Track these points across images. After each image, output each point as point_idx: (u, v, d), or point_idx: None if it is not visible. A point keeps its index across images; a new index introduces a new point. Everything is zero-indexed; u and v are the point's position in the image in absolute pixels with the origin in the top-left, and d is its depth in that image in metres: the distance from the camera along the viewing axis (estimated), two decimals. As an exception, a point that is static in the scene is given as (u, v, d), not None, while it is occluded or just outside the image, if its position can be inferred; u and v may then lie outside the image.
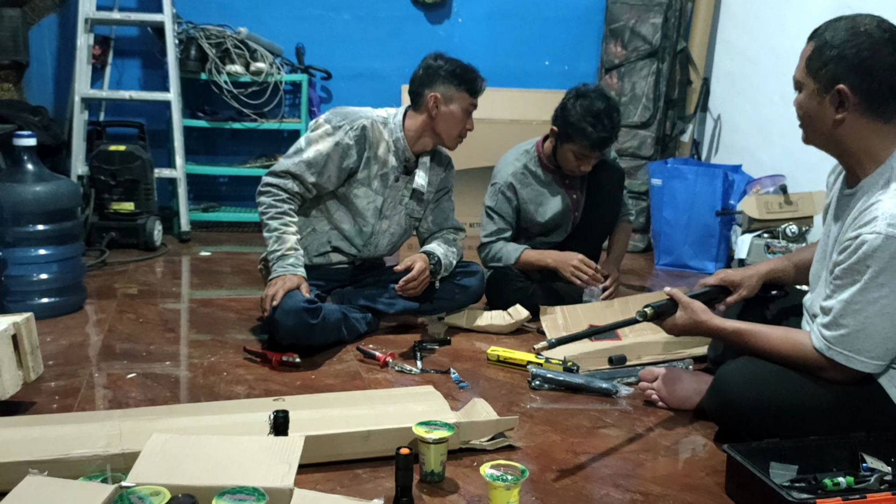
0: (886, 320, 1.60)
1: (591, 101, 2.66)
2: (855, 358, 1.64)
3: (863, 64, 1.60)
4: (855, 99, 1.62)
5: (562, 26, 4.59)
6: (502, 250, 2.83)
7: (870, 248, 1.58)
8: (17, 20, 3.75)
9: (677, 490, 1.66)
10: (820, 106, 1.67)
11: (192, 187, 4.30)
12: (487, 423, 1.79)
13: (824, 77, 1.64)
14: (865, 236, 1.59)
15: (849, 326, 1.63)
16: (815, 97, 1.67)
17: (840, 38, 1.61)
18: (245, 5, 4.30)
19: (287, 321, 2.27)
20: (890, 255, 1.56)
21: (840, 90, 1.62)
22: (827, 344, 1.67)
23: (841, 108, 1.64)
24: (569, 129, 2.68)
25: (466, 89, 2.51)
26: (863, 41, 1.60)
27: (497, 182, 2.87)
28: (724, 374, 1.83)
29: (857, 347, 1.63)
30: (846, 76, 1.61)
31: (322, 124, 2.50)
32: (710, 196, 3.71)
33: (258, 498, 1.28)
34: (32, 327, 1.96)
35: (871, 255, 1.58)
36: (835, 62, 1.62)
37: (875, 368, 1.65)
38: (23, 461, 1.49)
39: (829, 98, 1.64)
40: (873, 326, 1.61)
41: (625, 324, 2.03)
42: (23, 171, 2.65)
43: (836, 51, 1.61)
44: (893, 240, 1.56)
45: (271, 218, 2.42)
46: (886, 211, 1.58)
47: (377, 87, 4.42)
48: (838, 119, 1.65)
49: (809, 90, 1.68)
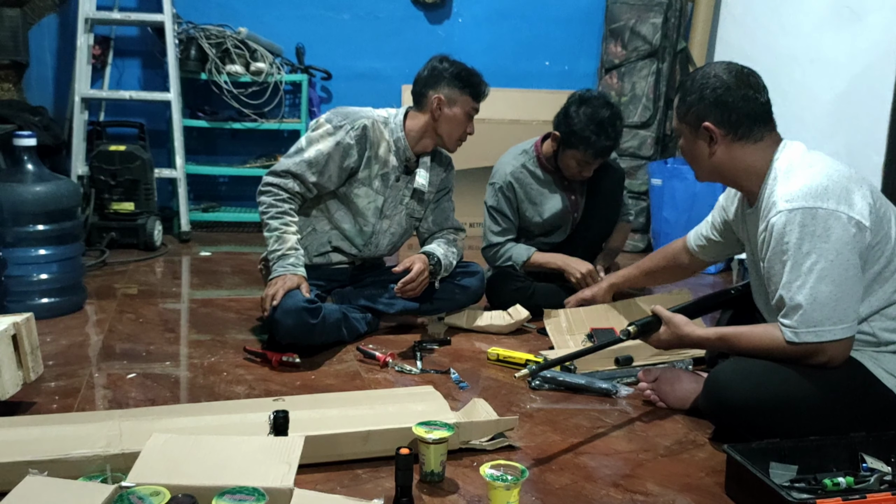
0: (829, 283, 1.67)
1: (595, 109, 2.66)
2: (822, 330, 1.69)
3: (718, 100, 1.81)
4: (720, 131, 1.82)
5: (562, 26, 4.60)
6: (511, 251, 2.84)
7: (780, 227, 1.71)
8: (17, 20, 3.75)
9: (677, 490, 1.66)
10: (696, 145, 1.88)
11: (192, 187, 4.30)
12: (487, 423, 1.79)
13: (691, 119, 1.86)
14: (772, 220, 1.73)
15: (802, 305, 1.69)
16: (690, 138, 1.89)
17: (697, 84, 1.84)
18: (245, 5, 4.30)
19: (287, 321, 2.27)
20: (799, 224, 1.68)
21: (706, 127, 1.82)
22: (794, 331, 1.71)
23: (712, 142, 1.84)
24: (572, 136, 2.68)
25: (470, 93, 2.52)
26: (714, 82, 1.82)
27: (496, 181, 2.87)
28: (716, 373, 1.86)
29: (817, 319, 1.68)
30: (708, 114, 1.82)
31: (323, 124, 2.50)
32: (710, 196, 3.68)
33: (258, 498, 1.28)
34: (32, 327, 1.96)
35: (783, 232, 1.70)
36: (696, 105, 1.84)
37: (844, 332, 1.69)
38: (23, 461, 1.49)
39: (700, 136, 1.86)
40: (821, 293, 1.67)
41: (609, 344, 2.07)
42: (23, 171, 2.65)
43: (694, 95, 1.84)
44: (796, 212, 1.69)
45: (272, 217, 2.42)
46: (780, 192, 1.73)
47: (377, 87, 4.43)
48: (713, 151, 1.85)
49: (684, 134, 1.91)
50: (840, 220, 1.67)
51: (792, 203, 1.69)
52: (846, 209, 1.68)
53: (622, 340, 2.03)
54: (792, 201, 1.70)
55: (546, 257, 2.83)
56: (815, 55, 3.37)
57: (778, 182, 1.76)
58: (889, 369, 1.75)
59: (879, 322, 1.77)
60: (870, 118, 3.15)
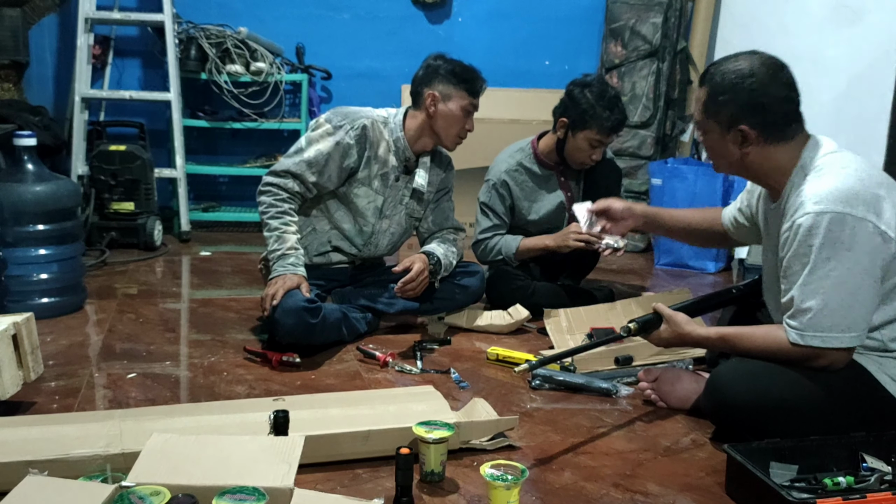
0: (844, 290, 1.65)
1: (601, 88, 2.69)
2: (829, 336, 1.67)
3: (755, 102, 1.72)
4: (755, 133, 1.75)
5: (562, 26, 4.60)
6: (500, 243, 2.84)
7: (805, 229, 1.66)
8: (17, 20, 3.75)
9: (677, 490, 1.67)
10: (724, 143, 1.80)
11: (192, 187, 4.30)
12: (487, 422, 1.79)
13: (723, 119, 1.76)
14: (798, 220, 1.68)
15: (812, 308, 1.67)
16: (717, 136, 1.80)
17: (729, 81, 1.74)
18: (245, 5, 4.30)
19: (287, 321, 2.27)
20: (825, 229, 1.64)
21: (741, 130, 1.75)
22: (799, 333, 1.70)
23: (745, 143, 1.77)
24: (584, 116, 2.68)
25: (465, 88, 2.51)
26: (750, 81, 1.72)
27: (491, 178, 2.87)
28: (718, 373, 1.86)
29: (826, 325, 1.67)
30: (743, 116, 1.74)
31: (323, 124, 2.50)
32: (710, 196, 3.71)
33: (258, 498, 1.28)
34: (33, 327, 1.96)
35: (808, 234, 1.66)
36: (729, 104, 1.74)
37: (851, 341, 1.68)
38: (23, 461, 1.49)
39: (731, 137, 1.77)
40: (834, 300, 1.65)
41: (610, 341, 2.06)
42: (23, 171, 2.65)
43: (728, 94, 1.74)
44: (823, 215, 1.64)
45: (272, 217, 2.42)
46: (810, 193, 1.68)
47: (377, 86, 4.43)
48: (746, 153, 1.78)
49: (711, 130, 1.81)
50: (866, 229, 1.64)
51: (820, 205, 1.65)
52: (874, 218, 1.64)
53: (622, 337, 2.02)
54: (820, 203, 1.65)
55: (534, 240, 2.81)
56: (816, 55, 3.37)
57: (807, 181, 1.71)
58: (892, 374, 1.74)
59: (890, 332, 1.75)
60: (870, 118, 3.15)
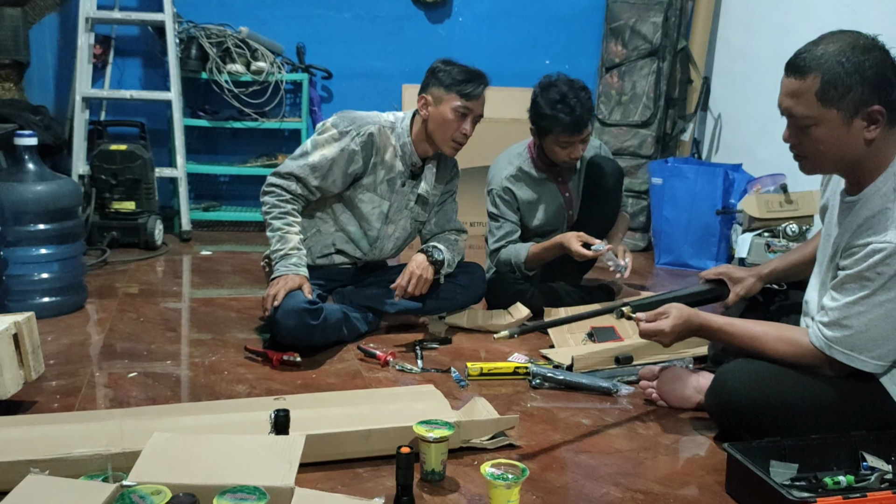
0: (890, 322, 1.63)
1: (557, 88, 2.67)
2: (857, 357, 1.66)
3: (881, 78, 1.59)
4: (887, 112, 1.62)
5: (562, 25, 4.60)
6: (510, 252, 2.84)
7: (882, 256, 1.60)
8: (17, 19, 3.75)
9: (677, 489, 1.67)
10: (849, 132, 1.64)
11: (193, 186, 4.30)
12: (488, 421, 1.79)
13: (850, 104, 1.61)
14: (877, 244, 1.61)
15: (853, 328, 1.65)
16: (841, 126, 1.63)
17: (852, 63, 1.59)
18: (246, 4, 4.30)
19: (288, 321, 2.27)
20: None
21: (876, 111, 1.61)
22: (828, 343, 1.69)
23: (872, 126, 1.62)
24: (543, 121, 2.68)
25: (456, 90, 2.46)
26: (867, 58, 1.59)
27: (493, 188, 2.87)
28: (724, 373, 1.84)
29: (859, 347, 1.66)
30: (874, 96, 1.60)
31: (329, 128, 2.49)
32: (711, 195, 3.71)
33: (259, 497, 1.29)
34: (33, 326, 1.96)
35: (881, 263, 1.61)
36: (859, 87, 1.59)
37: (876, 368, 1.67)
38: (24, 460, 1.50)
39: (855, 122, 1.62)
40: (877, 328, 1.63)
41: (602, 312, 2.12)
42: (24, 171, 2.65)
43: (855, 76, 1.59)
44: None
45: (275, 218, 2.42)
46: None
47: (378, 86, 4.43)
48: (871, 137, 1.63)
49: (831, 121, 1.64)
50: None
51: None
52: None
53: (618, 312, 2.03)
54: None
55: (541, 245, 2.79)
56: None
57: None
58: None
59: None
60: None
